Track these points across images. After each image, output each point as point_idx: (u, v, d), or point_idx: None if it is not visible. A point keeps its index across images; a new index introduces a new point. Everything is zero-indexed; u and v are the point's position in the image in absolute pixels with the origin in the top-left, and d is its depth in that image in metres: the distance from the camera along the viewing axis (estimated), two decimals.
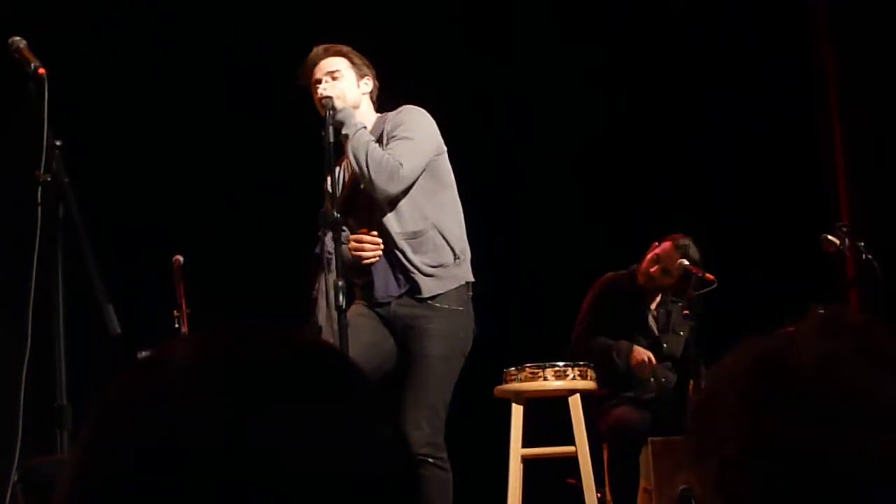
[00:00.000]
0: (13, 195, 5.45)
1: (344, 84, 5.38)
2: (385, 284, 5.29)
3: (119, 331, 4.84)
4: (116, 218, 7.47)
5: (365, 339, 5.16)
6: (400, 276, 5.23)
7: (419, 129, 5.34)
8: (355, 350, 4.91)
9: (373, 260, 5.27)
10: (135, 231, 7.83)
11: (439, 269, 5.28)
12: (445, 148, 5.42)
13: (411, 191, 5.29)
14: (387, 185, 5.17)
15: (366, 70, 5.45)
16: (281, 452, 0.84)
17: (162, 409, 0.86)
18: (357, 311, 5.34)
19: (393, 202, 5.24)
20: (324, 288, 5.30)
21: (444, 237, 5.32)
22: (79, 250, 4.88)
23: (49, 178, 4.90)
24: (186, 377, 0.88)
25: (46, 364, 5.10)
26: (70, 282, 4.90)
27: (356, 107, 5.40)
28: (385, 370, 5.15)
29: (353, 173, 5.32)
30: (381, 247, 5.26)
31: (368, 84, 5.45)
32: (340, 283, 5.06)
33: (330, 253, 5.19)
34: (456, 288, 5.31)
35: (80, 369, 5.04)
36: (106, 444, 0.88)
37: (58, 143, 4.97)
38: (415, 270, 5.25)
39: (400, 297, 5.27)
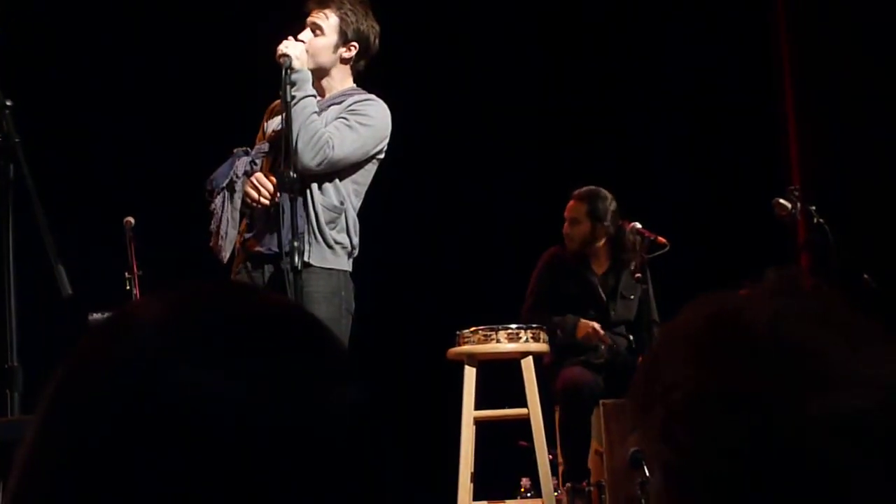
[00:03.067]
0: None
1: (319, 43, 5.31)
2: (273, 238, 5.21)
3: (70, 292, 4.82)
4: (68, 179, 7.42)
5: None
6: (293, 239, 5.04)
7: (370, 125, 5.26)
8: None
9: (254, 204, 5.20)
10: (86, 192, 7.78)
11: (339, 246, 5.22)
12: (383, 157, 5.36)
13: (341, 177, 5.24)
14: (310, 160, 5.10)
15: (354, 37, 5.34)
16: (250, 412, 0.84)
17: (129, 368, 0.85)
18: (246, 268, 5.29)
19: (312, 178, 5.19)
20: (226, 220, 5.24)
21: (348, 228, 5.27)
22: (30, 211, 4.85)
23: (0, 138, 4.87)
24: (154, 335, 0.87)
25: None
26: (21, 242, 4.87)
27: (323, 69, 5.34)
28: None
29: (280, 132, 5.24)
30: (272, 199, 5.17)
31: (350, 52, 5.34)
32: (296, 244, 5.03)
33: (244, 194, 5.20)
34: (339, 269, 5.26)
35: (30, 330, 5.02)
36: (70, 403, 0.87)
37: (8, 102, 4.93)
38: (319, 236, 5.17)
39: (278, 256, 5.17)
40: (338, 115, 5.24)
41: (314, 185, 5.19)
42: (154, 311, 0.90)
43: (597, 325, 7.02)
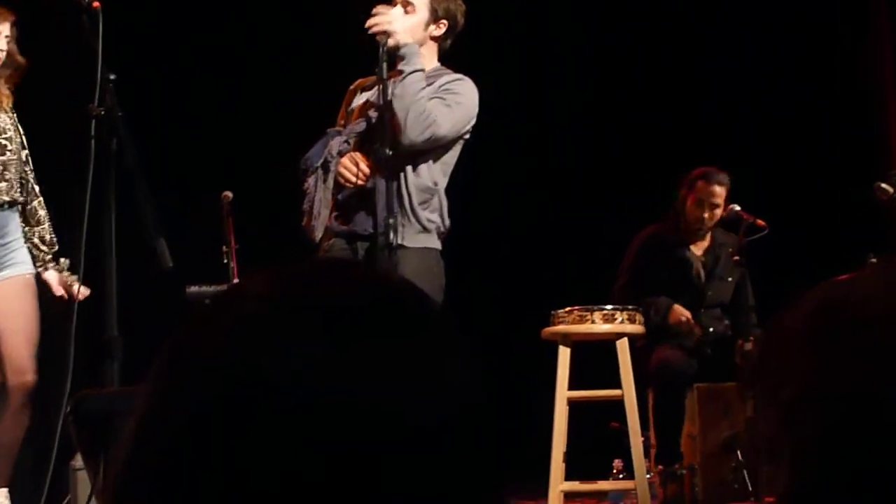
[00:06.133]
0: (68, 129, 5.46)
1: (411, 20, 5.29)
2: (365, 217, 5.21)
3: (171, 265, 4.87)
4: (166, 152, 7.49)
5: None
6: (388, 218, 5.06)
7: (465, 103, 5.27)
8: None
9: (349, 184, 5.20)
10: (184, 166, 7.84)
11: (432, 226, 5.21)
12: (469, 136, 5.35)
13: (434, 157, 5.25)
14: (418, 136, 5.10)
15: (443, 14, 5.34)
16: (356, 389, 0.84)
17: (240, 345, 0.86)
18: (338, 245, 5.29)
19: (411, 156, 5.17)
20: (319, 200, 5.26)
21: (441, 208, 5.27)
22: (131, 184, 4.90)
23: (103, 112, 4.92)
24: (263, 311, 0.88)
25: (97, 296, 5.15)
26: (120, 215, 4.93)
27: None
28: None
29: (380, 105, 5.23)
30: (367, 179, 5.18)
31: (440, 30, 5.33)
32: (391, 221, 5.04)
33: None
34: (431, 248, 5.26)
35: (129, 302, 5.07)
36: (180, 376, 0.88)
37: (111, 76, 4.98)
38: (412, 216, 5.17)
39: (372, 235, 5.19)
40: (432, 95, 5.23)
41: (408, 167, 5.19)
42: (263, 287, 0.90)
43: (689, 315, 6.96)
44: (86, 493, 6.64)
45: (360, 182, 5.17)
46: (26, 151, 5.87)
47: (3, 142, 5.71)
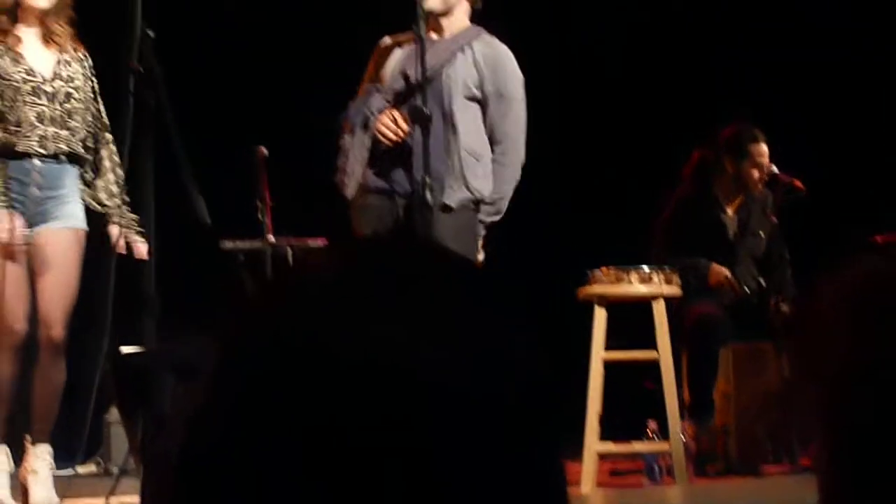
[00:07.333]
0: (106, 84, 5.45)
1: None
2: (403, 174, 5.22)
3: (209, 221, 4.89)
4: (203, 108, 7.48)
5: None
6: (425, 176, 5.08)
7: (521, 92, 5.41)
8: None
9: (387, 141, 5.18)
10: (220, 121, 7.84)
11: (478, 192, 5.26)
12: None
13: (481, 118, 5.32)
14: None
15: None
16: (416, 368, 0.83)
17: (305, 320, 0.85)
18: (375, 202, 5.31)
19: (455, 123, 5.26)
20: (355, 157, 5.27)
21: (488, 176, 5.31)
22: (169, 140, 4.91)
23: (141, 68, 4.92)
24: (330, 289, 0.87)
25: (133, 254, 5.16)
26: (159, 172, 4.93)
27: (450, 9, 5.31)
28: None
29: (417, 78, 5.20)
30: (405, 136, 5.16)
31: None
32: (428, 180, 5.04)
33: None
34: (469, 208, 5.31)
35: (165, 259, 5.09)
36: (242, 353, 0.87)
37: (150, 32, 4.98)
38: (462, 181, 5.20)
39: (410, 194, 5.20)
40: (490, 96, 5.29)
41: (461, 131, 5.19)
42: (328, 264, 0.89)
43: (727, 272, 6.91)
44: (119, 445, 6.69)
45: (398, 139, 5.17)
46: (99, 105, 5.60)
47: (70, 90, 5.45)
